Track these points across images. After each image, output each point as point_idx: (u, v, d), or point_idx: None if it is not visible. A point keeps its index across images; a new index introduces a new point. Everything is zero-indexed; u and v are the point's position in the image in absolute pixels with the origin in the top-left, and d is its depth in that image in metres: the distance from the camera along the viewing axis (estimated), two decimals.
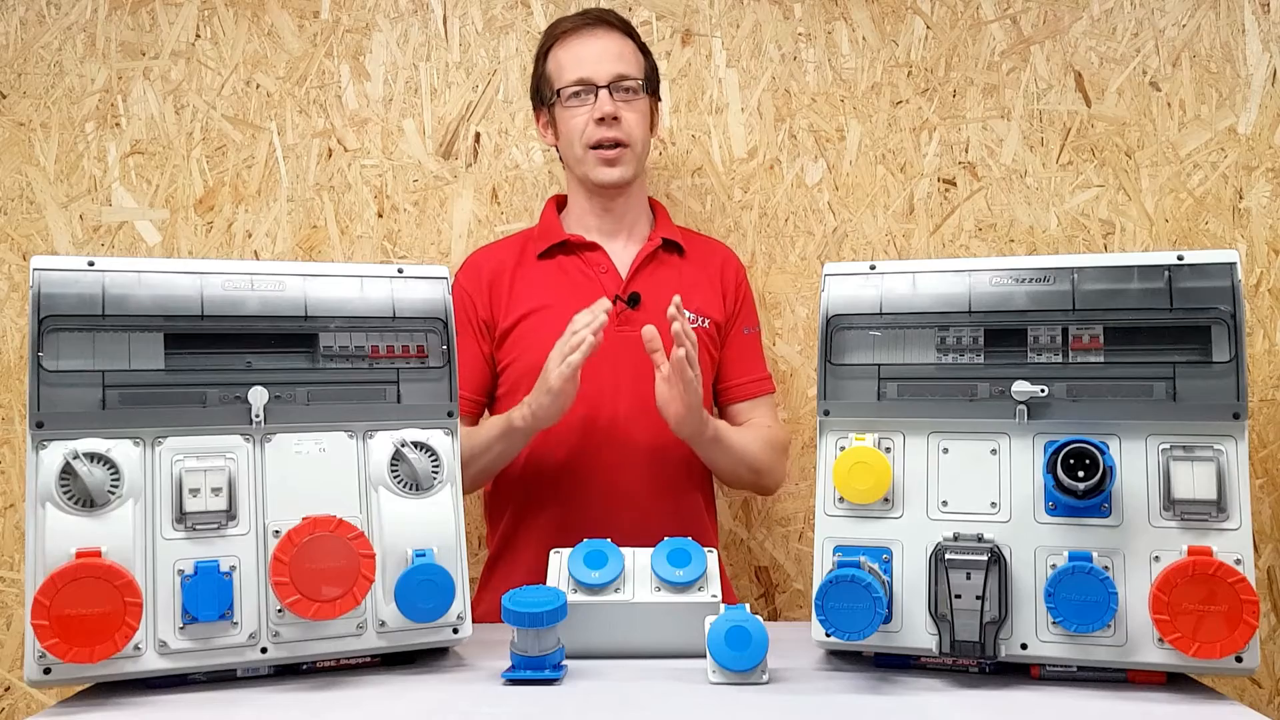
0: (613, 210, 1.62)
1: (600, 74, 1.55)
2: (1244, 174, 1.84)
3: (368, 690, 1.05)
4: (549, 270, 1.60)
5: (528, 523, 1.55)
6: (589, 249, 1.61)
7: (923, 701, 1.00)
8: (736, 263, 1.71)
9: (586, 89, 1.55)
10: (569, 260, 1.61)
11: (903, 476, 1.11)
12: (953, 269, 1.13)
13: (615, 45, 1.58)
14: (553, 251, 1.61)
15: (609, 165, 1.56)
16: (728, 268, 1.68)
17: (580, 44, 1.57)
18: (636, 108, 1.57)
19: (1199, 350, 1.05)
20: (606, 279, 1.58)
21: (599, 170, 1.56)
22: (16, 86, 1.86)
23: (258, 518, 1.08)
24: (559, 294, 1.56)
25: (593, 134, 1.55)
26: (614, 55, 1.56)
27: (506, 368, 1.57)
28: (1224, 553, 1.00)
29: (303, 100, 1.88)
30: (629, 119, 1.55)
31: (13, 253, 1.85)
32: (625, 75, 1.56)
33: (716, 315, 1.62)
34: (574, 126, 1.56)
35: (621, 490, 1.51)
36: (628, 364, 1.50)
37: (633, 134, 1.56)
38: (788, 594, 1.87)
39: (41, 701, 1.79)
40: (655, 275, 1.60)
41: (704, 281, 1.64)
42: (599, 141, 1.54)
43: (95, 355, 1.05)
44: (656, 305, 1.54)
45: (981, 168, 1.87)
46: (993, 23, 1.88)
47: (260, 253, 1.87)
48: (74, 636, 0.96)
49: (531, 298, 1.57)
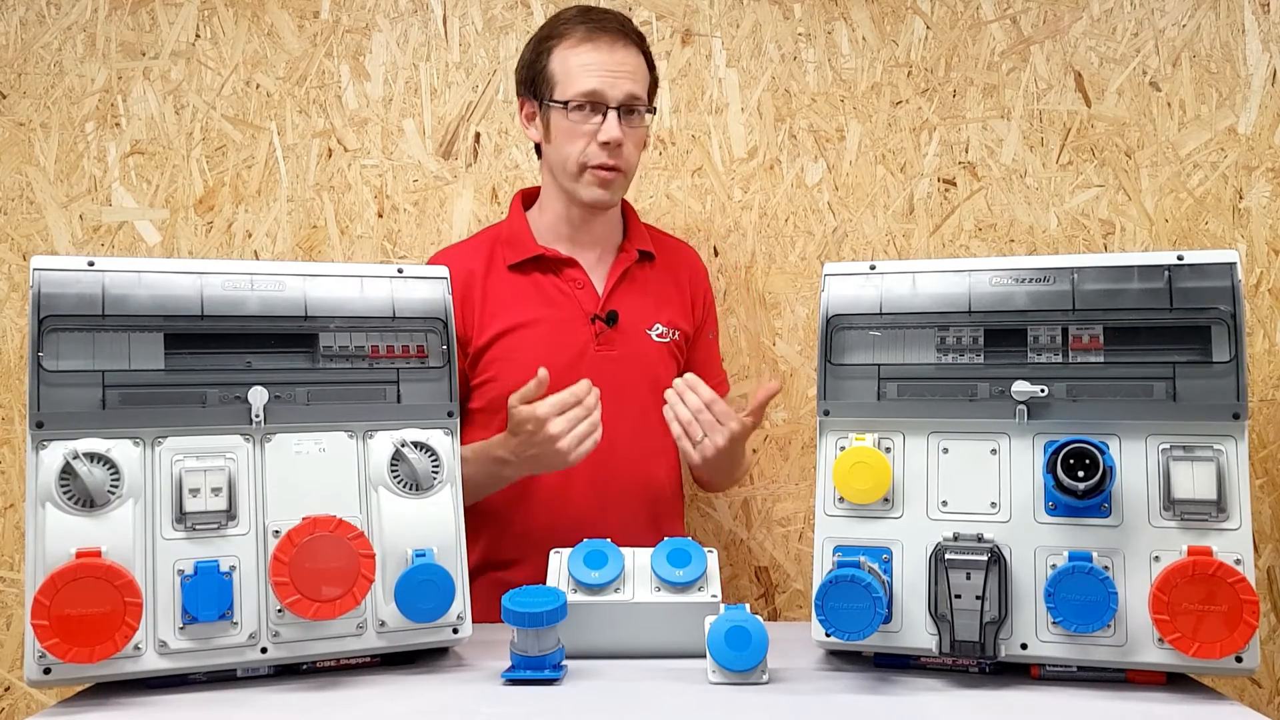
0: (590, 224, 1.57)
1: (613, 93, 1.47)
2: (1244, 174, 1.84)
3: (368, 690, 1.05)
4: (523, 286, 1.54)
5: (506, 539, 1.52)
6: (565, 264, 1.55)
7: (923, 701, 1.00)
8: (700, 269, 1.71)
9: (596, 106, 1.47)
10: (544, 278, 1.54)
11: (903, 476, 1.11)
12: (953, 269, 1.13)
13: (631, 61, 1.49)
14: (525, 266, 1.54)
15: (602, 187, 1.50)
16: (695, 275, 1.68)
17: (594, 52, 1.48)
18: (638, 134, 1.52)
19: (1199, 350, 1.05)
20: (583, 295, 1.54)
21: (590, 190, 1.50)
22: (16, 86, 1.86)
23: (258, 518, 1.08)
24: (535, 312, 1.52)
25: (594, 155, 1.48)
26: (629, 73, 1.48)
27: (482, 385, 1.53)
28: (1224, 553, 1.00)
29: (303, 100, 1.88)
30: (629, 145, 1.50)
31: (13, 253, 1.85)
32: (637, 97, 1.49)
33: (686, 326, 1.62)
34: (572, 139, 1.48)
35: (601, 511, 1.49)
36: (607, 385, 1.40)
37: (630, 161, 1.51)
38: (788, 594, 1.87)
39: (41, 701, 1.79)
40: (631, 290, 1.58)
41: (674, 293, 1.63)
42: (599, 165, 1.48)
43: (95, 355, 1.05)
44: (633, 323, 1.56)
45: (981, 168, 1.87)
46: (993, 23, 1.88)
47: (260, 253, 1.87)
48: (74, 636, 0.96)
49: (506, 315, 1.52)
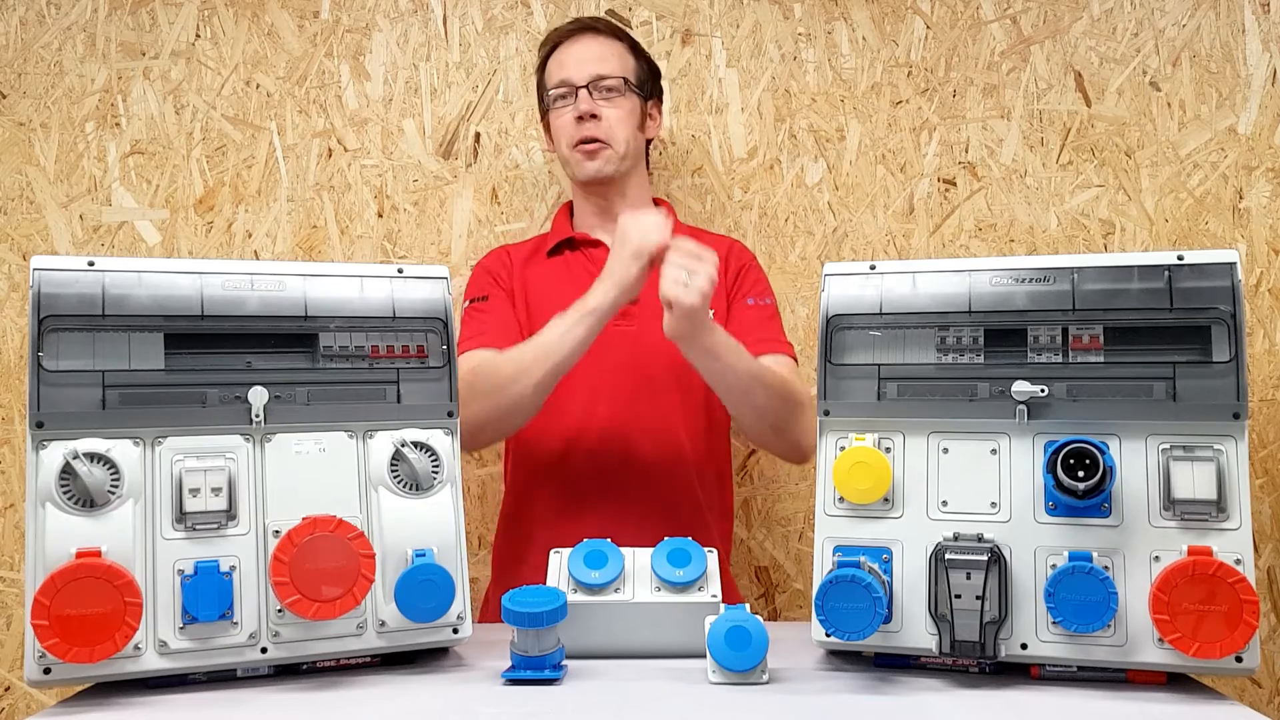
0: (609, 210, 1.64)
1: (579, 75, 1.60)
2: (1244, 174, 1.84)
3: (368, 690, 1.05)
4: (554, 266, 1.65)
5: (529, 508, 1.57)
6: (593, 245, 1.65)
7: (923, 701, 1.00)
8: (741, 249, 1.70)
9: (568, 91, 1.61)
10: (574, 256, 1.66)
11: (903, 476, 1.10)
12: (953, 269, 1.13)
13: (596, 48, 1.63)
14: (560, 248, 1.66)
15: (589, 158, 1.60)
16: (731, 257, 1.66)
17: (566, 50, 1.64)
18: (619, 105, 1.61)
19: (1199, 350, 1.05)
20: None
21: (581, 165, 1.61)
22: (16, 86, 1.86)
23: (258, 518, 1.08)
24: (561, 288, 1.59)
25: (574, 132, 1.60)
26: (594, 57, 1.62)
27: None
28: (1224, 553, 1.00)
29: (303, 100, 1.88)
30: (610, 116, 1.59)
31: (13, 253, 1.85)
32: (603, 75, 1.60)
33: (718, 305, 1.61)
34: (559, 127, 1.62)
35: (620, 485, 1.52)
36: (625, 359, 1.52)
37: (613, 133, 1.60)
38: (788, 594, 1.87)
39: (41, 701, 1.79)
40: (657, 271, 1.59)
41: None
42: (580, 140, 1.59)
43: (95, 355, 1.05)
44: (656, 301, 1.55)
45: (981, 168, 1.87)
46: (993, 23, 1.88)
47: (260, 253, 1.87)
48: (74, 636, 0.96)
49: (536, 290, 1.62)
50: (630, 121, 1.62)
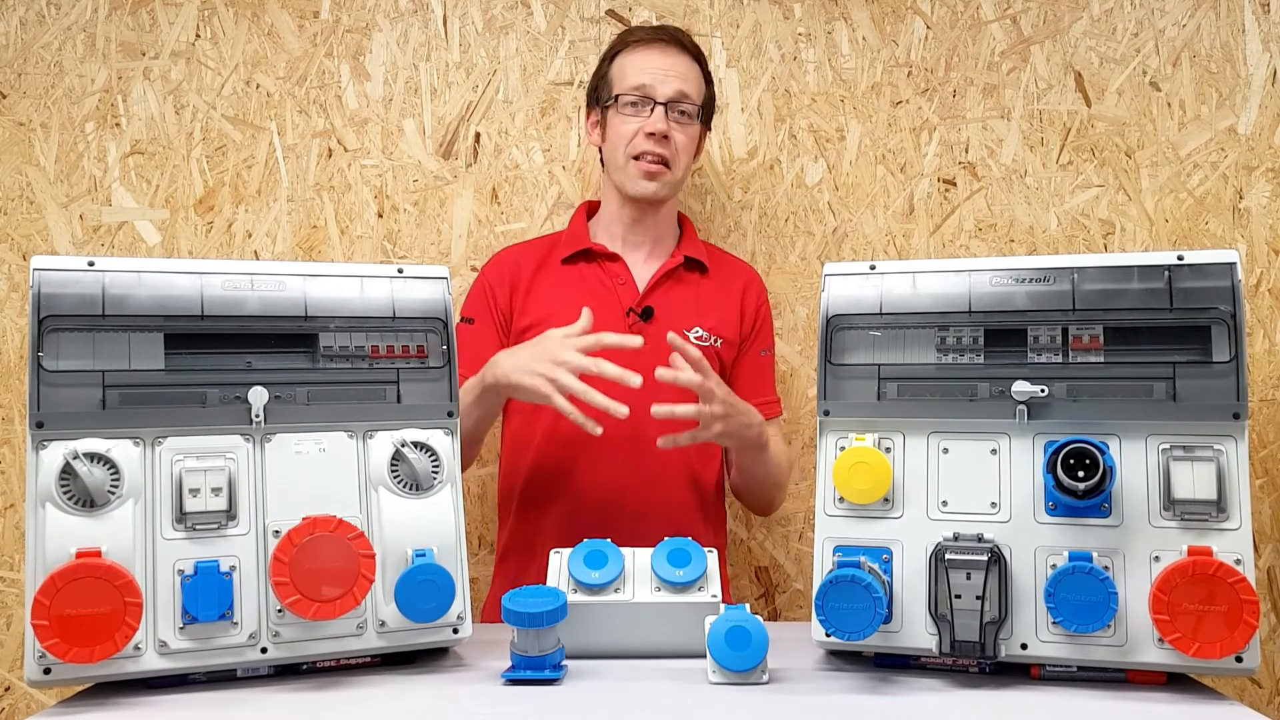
0: (641, 223, 1.63)
1: (662, 89, 1.56)
2: (1244, 174, 1.84)
3: (368, 690, 1.05)
4: (568, 276, 1.62)
5: (532, 524, 1.56)
6: (610, 259, 1.63)
7: (923, 701, 1.00)
8: (760, 286, 1.71)
9: (644, 100, 1.56)
10: (589, 268, 1.63)
11: (903, 476, 1.11)
12: (953, 269, 1.13)
13: (683, 65, 1.59)
14: (575, 258, 1.63)
15: (648, 179, 1.57)
16: (750, 290, 1.68)
17: (648, 55, 1.59)
18: (687, 132, 1.59)
19: (1199, 350, 1.05)
20: (624, 290, 1.60)
21: (636, 181, 1.57)
22: (16, 86, 1.86)
23: (258, 518, 1.08)
24: (574, 301, 1.56)
25: (640, 144, 1.56)
26: (679, 74, 1.58)
27: None
28: (1224, 553, 1.00)
29: (303, 100, 1.88)
30: (678, 140, 1.57)
31: (13, 253, 1.85)
32: (686, 95, 1.58)
33: (730, 335, 1.63)
34: (623, 132, 1.57)
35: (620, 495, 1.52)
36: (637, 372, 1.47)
37: (678, 157, 1.58)
38: (788, 594, 1.87)
39: (41, 701, 1.79)
40: (672, 292, 1.62)
41: (722, 301, 1.64)
42: (643, 153, 1.56)
43: (95, 355, 1.05)
44: (669, 321, 1.56)
45: (981, 168, 1.87)
46: (993, 23, 1.88)
47: (260, 253, 1.87)
48: (74, 636, 0.96)
49: (547, 301, 1.59)
50: (692, 149, 1.62)
